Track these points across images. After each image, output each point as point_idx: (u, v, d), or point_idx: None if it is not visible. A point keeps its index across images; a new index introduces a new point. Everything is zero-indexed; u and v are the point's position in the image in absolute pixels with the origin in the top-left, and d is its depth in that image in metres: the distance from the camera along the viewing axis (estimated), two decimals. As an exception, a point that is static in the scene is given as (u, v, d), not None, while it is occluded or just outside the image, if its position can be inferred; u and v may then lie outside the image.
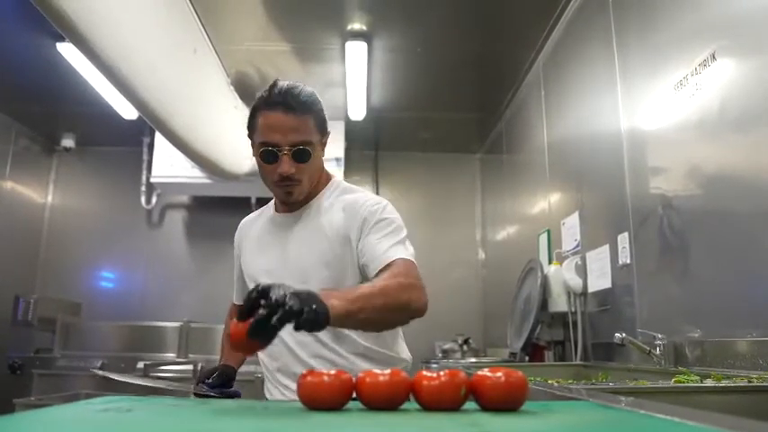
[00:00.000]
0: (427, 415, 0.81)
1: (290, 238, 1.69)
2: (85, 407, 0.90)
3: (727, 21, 1.91)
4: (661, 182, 2.33)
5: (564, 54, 3.53)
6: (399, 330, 1.78)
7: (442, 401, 0.85)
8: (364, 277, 1.59)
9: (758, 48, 1.75)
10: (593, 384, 1.65)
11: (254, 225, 1.85)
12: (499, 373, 0.84)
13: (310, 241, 1.65)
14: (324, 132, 1.65)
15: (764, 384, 1.34)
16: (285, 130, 1.54)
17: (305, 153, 1.57)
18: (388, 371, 0.88)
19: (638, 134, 2.52)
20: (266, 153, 1.57)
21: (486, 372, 0.86)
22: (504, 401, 0.84)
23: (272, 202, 1.82)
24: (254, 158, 1.66)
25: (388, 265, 1.50)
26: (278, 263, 1.68)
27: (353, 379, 0.88)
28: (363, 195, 1.70)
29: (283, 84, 1.57)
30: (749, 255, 1.79)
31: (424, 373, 0.88)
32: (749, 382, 1.41)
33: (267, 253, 1.73)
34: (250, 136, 1.64)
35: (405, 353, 1.78)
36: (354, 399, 0.88)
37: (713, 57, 1.92)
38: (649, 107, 2.39)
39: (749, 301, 1.78)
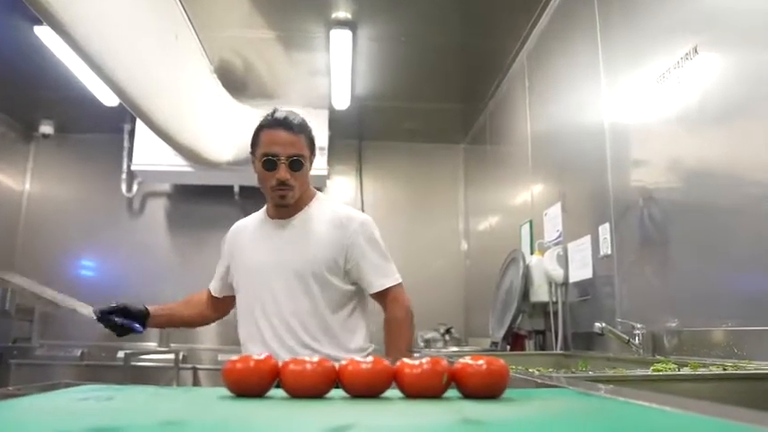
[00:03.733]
0: (409, 402, 0.82)
1: (283, 241, 2.01)
2: (65, 395, 0.89)
3: (709, 14, 1.92)
4: (642, 174, 2.36)
5: (548, 45, 3.54)
6: (359, 324, 2.07)
7: (424, 389, 0.85)
8: (349, 278, 2.02)
9: (740, 42, 1.77)
10: (573, 373, 1.67)
11: (246, 230, 2.15)
12: (481, 362, 0.85)
13: (301, 244, 1.98)
14: (312, 151, 2.03)
15: (738, 372, 1.37)
16: (284, 144, 1.92)
17: (299, 163, 1.94)
18: (370, 359, 0.88)
19: (620, 126, 2.54)
20: (267, 162, 1.92)
21: (467, 360, 0.87)
22: (486, 389, 0.84)
23: (263, 209, 2.14)
24: (237, 148, 1.97)
25: (383, 294, 2.01)
26: (271, 261, 1.99)
27: (336, 367, 0.88)
28: (349, 209, 2.09)
29: (283, 109, 1.98)
30: (726, 247, 1.81)
31: (407, 360, 0.88)
32: (724, 369, 1.43)
33: (260, 252, 2.03)
34: (253, 152, 2.00)
35: (359, 344, 2.03)
36: (337, 387, 0.89)
37: (695, 50, 1.94)
38: (632, 99, 2.41)
39: (725, 291, 1.81)
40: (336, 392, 0.89)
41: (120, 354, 3.84)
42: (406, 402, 0.82)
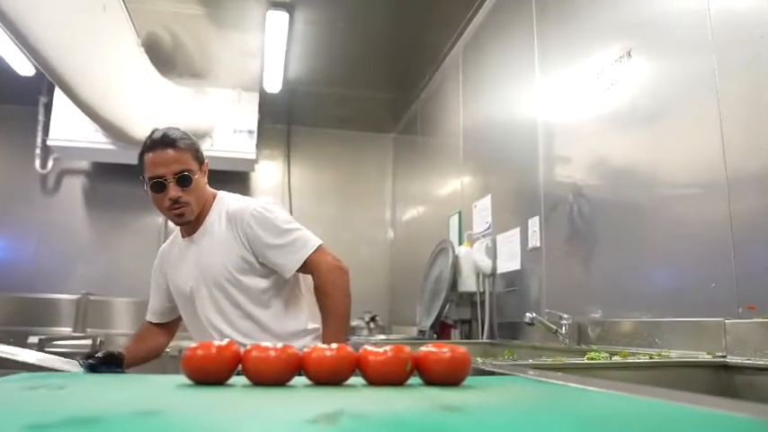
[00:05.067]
0: (376, 389, 0.82)
1: (194, 258, 2.00)
2: (9, 385, 0.84)
3: (643, 21, 2.02)
4: (573, 170, 2.45)
5: (485, 39, 3.61)
6: (299, 307, 2.07)
7: (388, 376, 0.86)
8: (267, 269, 1.96)
9: (670, 50, 1.87)
10: (514, 361, 1.73)
11: (171, 251, 2.14)
12: (444, 350, 0.87)
13: (208, 256, 1.98)
14: (202, 162, 1.99)
15: (667, 360, 1.47)
16: (168, 163, 1.87)
17: (187, 179, 1.89)
18: (335, 346, 0.88)
19: (553, 123, 2.63)
20: (155, 184, 1.88)
21: (430, 348, 0.88)
22: (449, 377, 0.86)
23: (178, 229, 2.11)
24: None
25: (303, 268, 1.94)
26: (191, 280, 2.00)
27: (300, 353, 0.88)
28: (240, 202, 2.03)
29: (161, 128, 1.93)
30: (645, 243, 1.93)
31: (370, 348, 0.89)
32: (650, 358, 1.53)
33: (182, 275, 2.04)
34: (142, 176, 1.93)
35: (302, 326, 2.03)
36: (300, 374, 0.88)
37: (629, 54, 2.03)
38: (566, 98, 2.50)
39: (645, 285, 1.93)
40: (298, 380, 0.89)
41: (33, 339, 3.63)
42: (372, 390, 0.82)
